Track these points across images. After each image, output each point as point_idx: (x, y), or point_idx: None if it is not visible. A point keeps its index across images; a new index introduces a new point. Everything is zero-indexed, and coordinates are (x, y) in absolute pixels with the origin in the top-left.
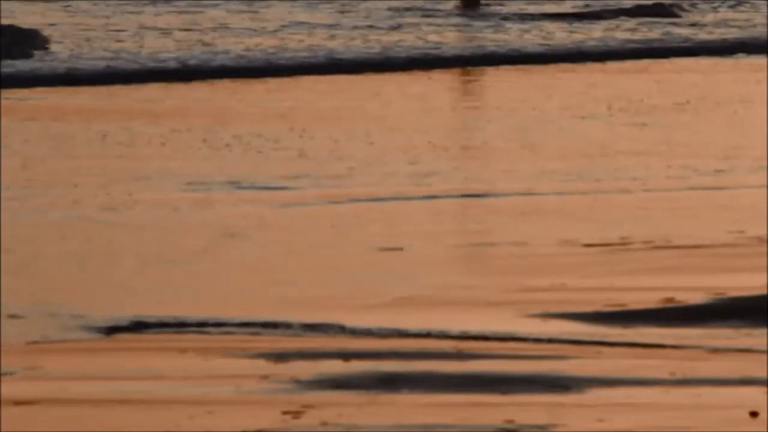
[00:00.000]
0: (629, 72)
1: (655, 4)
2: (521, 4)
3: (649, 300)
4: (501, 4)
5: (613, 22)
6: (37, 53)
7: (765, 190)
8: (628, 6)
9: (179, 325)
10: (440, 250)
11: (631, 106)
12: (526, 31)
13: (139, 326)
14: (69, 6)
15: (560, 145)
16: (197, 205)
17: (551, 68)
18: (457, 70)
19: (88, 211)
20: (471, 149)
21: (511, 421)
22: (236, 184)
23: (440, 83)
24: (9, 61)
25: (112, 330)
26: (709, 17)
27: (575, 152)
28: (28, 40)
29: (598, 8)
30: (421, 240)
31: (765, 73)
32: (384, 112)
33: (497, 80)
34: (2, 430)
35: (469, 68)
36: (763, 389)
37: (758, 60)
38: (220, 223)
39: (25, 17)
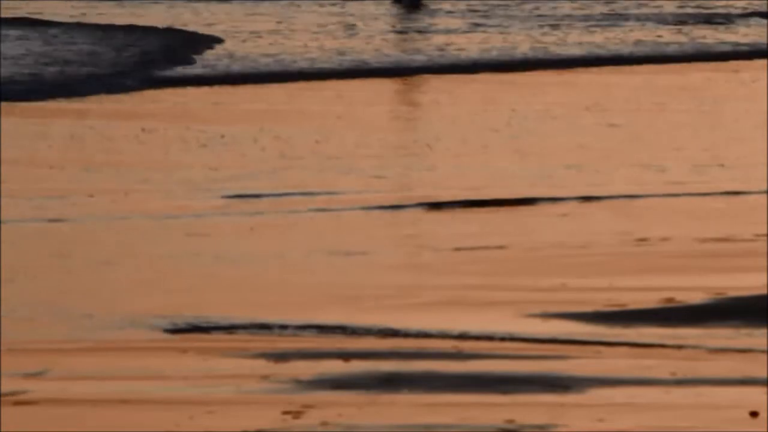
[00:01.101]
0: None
1: None
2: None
3: (649, 300)
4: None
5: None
6: (201, 57)
7: (765, 190)
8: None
9: (180, 326)
10: (439, 250)
11: (613, 107)
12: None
13: (140, 327)
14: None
15: (563, 146)
16: (197, 209)
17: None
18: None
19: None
20: (465, 152)
21: (511, 421)
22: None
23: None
24: (171, 66)
25: (115, 331)
26: None
27: (578, 153)
28: (194, 44)
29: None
30: (421, 241)
31: None
32: (360, 118)
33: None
34: (2, 430)
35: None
36: (763, 389)
37: None
38: (213, 226)
39: (189, 20)
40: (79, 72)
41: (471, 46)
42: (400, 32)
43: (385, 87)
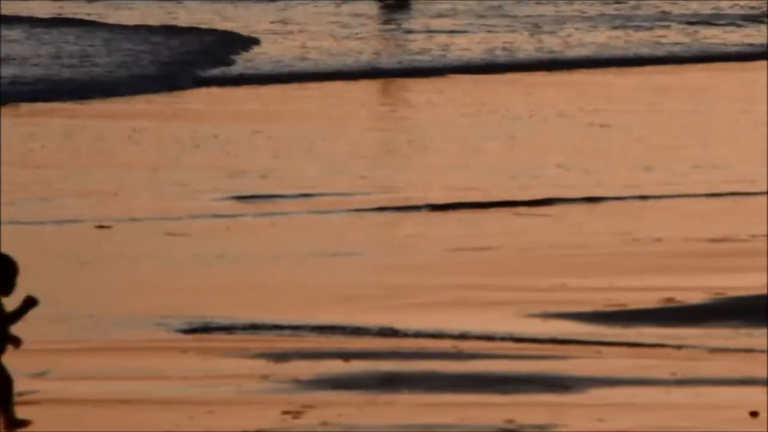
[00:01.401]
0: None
1: None
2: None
3: (649, 300)
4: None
5: None
6: (240, 57)
7: (764, 190)
8: None
9: (180, 326)
10: (438, 251)
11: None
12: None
13: (140, 327)
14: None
15: (562, 147)
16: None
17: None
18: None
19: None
20: (462, 153)
21: (511, 421)
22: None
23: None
24: (210, 66)
25: (115, 331)
26: None
27: (577, 154)
28: (233, 44)
29: None
30: (420, 241)
31: None
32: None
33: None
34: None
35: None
36: (763, 389)
37: None
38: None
39: (230, 20)
40: (76, 73)
41: (471, 46)
42: (398, 32)
43: (381, 87)
